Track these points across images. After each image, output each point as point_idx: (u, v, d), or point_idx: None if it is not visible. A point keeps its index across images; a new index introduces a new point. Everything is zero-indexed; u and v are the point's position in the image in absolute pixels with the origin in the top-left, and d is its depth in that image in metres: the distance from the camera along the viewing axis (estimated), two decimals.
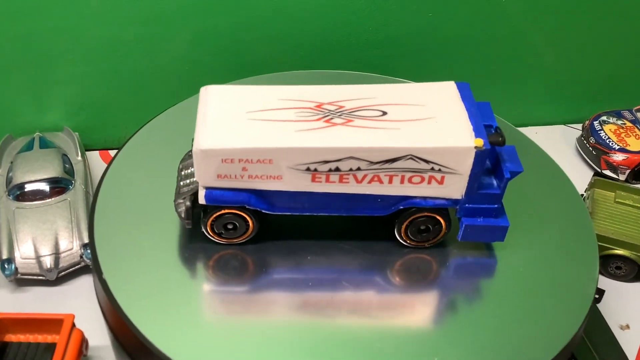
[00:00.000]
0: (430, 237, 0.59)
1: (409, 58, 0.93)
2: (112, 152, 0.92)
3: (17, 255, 0.71)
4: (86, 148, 0.88)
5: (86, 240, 0.72)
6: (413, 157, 0.53)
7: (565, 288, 0.58)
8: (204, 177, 0.54)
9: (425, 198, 0.56)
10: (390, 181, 0.55)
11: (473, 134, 0.54)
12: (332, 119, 0.55)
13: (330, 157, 0.53)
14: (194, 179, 0.56)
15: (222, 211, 0.57)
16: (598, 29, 0.95)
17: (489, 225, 0.57)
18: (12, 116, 0.89)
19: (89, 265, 0.73)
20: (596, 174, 0.88)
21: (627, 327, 0.74)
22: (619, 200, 0.82)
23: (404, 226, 0.58)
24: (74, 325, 0.62)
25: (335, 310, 0.55)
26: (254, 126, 0.54)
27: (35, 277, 0.72)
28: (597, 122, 0.96)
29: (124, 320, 0.53)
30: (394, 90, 0.58)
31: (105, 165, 0.88)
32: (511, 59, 0.96)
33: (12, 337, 0.62)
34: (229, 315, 0.54)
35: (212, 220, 0.57)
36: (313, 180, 0.55)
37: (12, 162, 0.80)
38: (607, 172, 0.92)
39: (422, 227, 0.58)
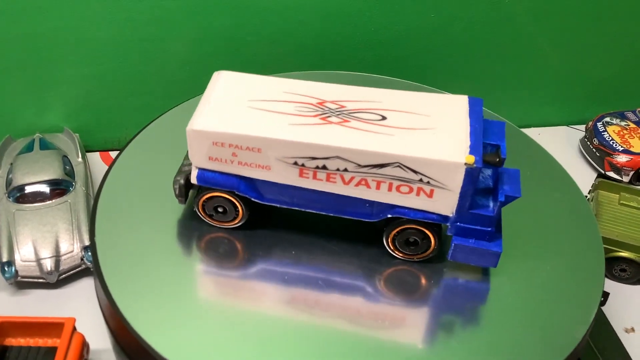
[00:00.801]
0: (418, 252, 0.58)
1: (411, 59, 0.93)
2: (113, 154, 0.92)
3: (17, 257, 0.71)
4: (86, 149, 0.88)
5: (87, 243, 0.72)
6: (401, 166, 0.52)
7: (571, 292, 0.57)
8: (196, 157, 0.56)
9: (414, 210, 0.55)
10: (378, 187, 0.54)
11: (468, 150, 0.52)
12: (329, 117, 0.55)
13: (316, 154, 0.53)
14: None
15: (213, 193, 0.58)
16: (601, 31, 0.94)
17: (480, 249, 0.55)
18: (12, 117, 0.88)
19: (89, 267, 0.72)
20: (600, 175, 0.87)
21: (632, 330, 0.73)
22: (624, 202, 0.81)
23: (391, 235, 0.57)
24: (74, 329, 0.61)
25: (306, 307, 0.54)
26: (250, 114, 0.55)
27: (35, 280, 0.71)
28: (601, 123, 0.95)
29: (124, 324, 0.53)
30: (402, 97, 0.58)
31: (106, 167, 0.88)
32: (514, 60, 0.95)
33: (12, 341, 0.61)
34: (231, 319, 0.54)
35: (204, 201, 0.58)
36: (300, 175, 0.55)
37: (12, 164, 0.79)
38: (611, 174, 0.91)
39: (411, 240, 0.57)
